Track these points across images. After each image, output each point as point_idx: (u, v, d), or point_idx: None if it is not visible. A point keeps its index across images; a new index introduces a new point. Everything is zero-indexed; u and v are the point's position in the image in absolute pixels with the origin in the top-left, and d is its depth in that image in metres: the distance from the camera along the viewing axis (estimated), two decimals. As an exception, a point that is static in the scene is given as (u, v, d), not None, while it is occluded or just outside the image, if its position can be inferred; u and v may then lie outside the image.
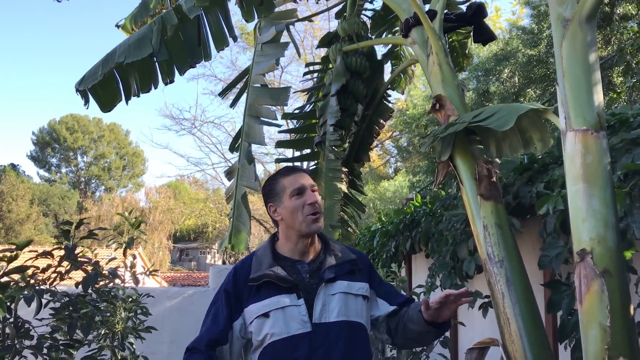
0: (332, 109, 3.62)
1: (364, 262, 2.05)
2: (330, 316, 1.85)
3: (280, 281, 1.86)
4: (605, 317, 1.64)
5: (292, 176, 1.96)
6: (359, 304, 1.92)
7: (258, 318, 1.85)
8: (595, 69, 1.83)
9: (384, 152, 26.04)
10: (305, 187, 1.92)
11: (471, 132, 2.43)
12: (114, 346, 3.87)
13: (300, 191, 1.92)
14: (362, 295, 1.94)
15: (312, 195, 1.92)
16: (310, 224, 1.90)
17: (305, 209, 1.90)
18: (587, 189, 1.73)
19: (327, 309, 1.86)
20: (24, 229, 34.68)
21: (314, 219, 1.90)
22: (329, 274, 1.89)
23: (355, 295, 1.92)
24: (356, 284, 1.94)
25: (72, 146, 46.43)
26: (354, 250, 2.08)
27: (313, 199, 1.91)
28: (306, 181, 1.95)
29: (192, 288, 8.24)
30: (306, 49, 21.28)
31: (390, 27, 4.34)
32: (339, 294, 1.89)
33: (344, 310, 1.87)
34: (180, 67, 3.69)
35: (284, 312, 1.83)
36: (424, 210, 4.78)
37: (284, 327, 1.82)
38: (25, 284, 2.97)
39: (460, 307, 4.65)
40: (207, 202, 29.33)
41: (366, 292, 1.96)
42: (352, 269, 1.96)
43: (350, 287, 1.92)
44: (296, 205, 1.90)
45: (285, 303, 1.84)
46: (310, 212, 1.90)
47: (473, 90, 13.43)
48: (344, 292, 1.90)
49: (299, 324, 1.83)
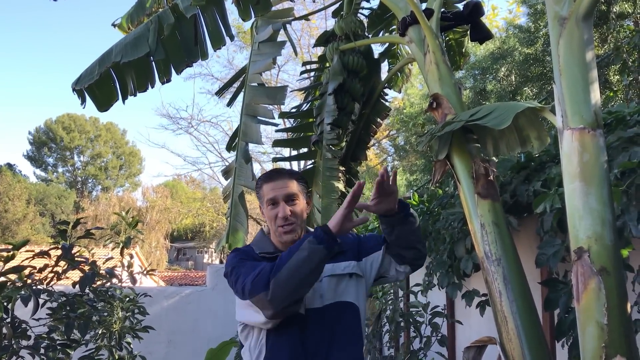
0: (329, 107, 3.62)
1: (349, 242, 2.08)
2: (321, 301, 1.91)
3: None
4: (602, 315, 1.65)
5: (270, 184, 1.98)
6: (347, 283, 1.98)
7: None
8: (592, 67, 1.83)
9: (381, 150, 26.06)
10: (277, 200, 1.95)
11: (468, 131, 2.43)
12: (111, 346, 3.86)
13: (273, 202, 1.95)
14: (349, 274, 1.99)
15: (283, 209, 1.93)
16: (281, 235, 1.96)
17: (277, 220, 1.94)
18: (584, 187, 1.73)
19: (318, 294, 1.91)
20: (21, 229, 34.57)
21: (284, 232, 1.94)
22: None
23: (341, 276, 1.97)
24: (340, 264, 1.99)
25: (68, 145, 46.33)
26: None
27: (283, 212, 1.93)
28: (280, 192, 1.96)
29: (189, 287, 8.23)
30: (303, 48, 21.28)
31: (387, 25, 4.34)
32: (325, 277, 1.93)
33: (332, 293, 1.93)
34: (176, 66, 3.69)
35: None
36: (421, 208, 4.79)
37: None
38: (22, 284, 2.97)
39: (458, 305, 4.67)
40: (204, 201, 29.31)
41: (353, 269, 2.00)
42: (336, 253, 1.98)
43: (335, 268, 1.97)
44: (270, 215, 1.96)
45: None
46: (281, 224, 1.94)
47: (470, 88, 13.46)
48: (330, 274, 1.95)
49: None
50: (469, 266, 3.27)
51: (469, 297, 3.34)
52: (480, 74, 13.42)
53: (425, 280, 4.12)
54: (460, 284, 3.55)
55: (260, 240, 2.04)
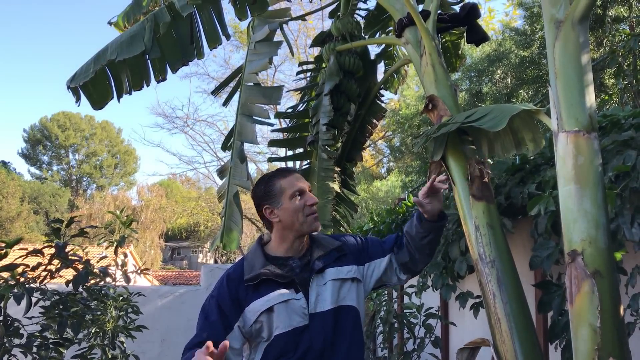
0: (325, 108, 3.61)
1: (349, 245, 2.10)
2: (325, 305, 1.90)
3: (277, 277, 1.90)
4: (595, 318, 1.65)
5: (289, 178, 2.00)
6: (349, 287, 1.98)
7: (263, 314, 1.86)
8: (588, 71, 1.84)
9: (376, 151, 26.09)
10: (305, 189, 1.99)
11: (463, 133, 2.44)
12: (104, 345, 3.84)
13: (301, 192, 1.98)
14: (351, 278, 2.00)
15: (312, 197, 2.00)
16: (311, 224, 1.98)
17: (306, 209, 1.96)
18: (579, 190, 1.74)
19: (321, 298, 1.91)
20: (15, 227, 34.46)
21: (315, 217, 1.99)
22: (318, 264, 1.95)
23: (344, 280, 1.98)
24: (344, 268, 2.00)
25: (63, 144, 46.17)
26: (337, 237, 2.16)
27: (313, 200, 1.99)
28: (304, 183, 2.02)
29: (183, 287, 8.21)
30: (300, 48, 21.31)
31: (384, 27, 4.34)
32: (330, 281, 1.94)
33: (336, 297, 1.93)
34: (172, 65, 3.68)
35: (287, 306, 1.87)
36: (416, 210, 4.78)
37: (287, 320, 1.86)
38: (14, 282, 2.95)
39: (452, 307, 4.67)
40: (199, 200, 29.28)
41: (355, 274, 2.01)
42: (339, 255, 2.02)
43: (339, 272, 1.98)
44: (298, 206, 1.96)
45: (287, 296, 1.88)
46: (311, 211, 1.98)
47: (466, 90, 13.49)
48: (334, 278, 1.95)
49: (300, 316, 1.87)
50: (463, 268, 3.28)
51: (462, 299, 3.34)
52: (476, 76, 13.45)
53: (419, 281, 4.13)
54: (455, 286, 3.55)
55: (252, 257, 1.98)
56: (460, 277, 3.48)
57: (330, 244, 2.03)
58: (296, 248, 1.99)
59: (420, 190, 2.10)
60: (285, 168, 2.18)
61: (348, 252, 2.05)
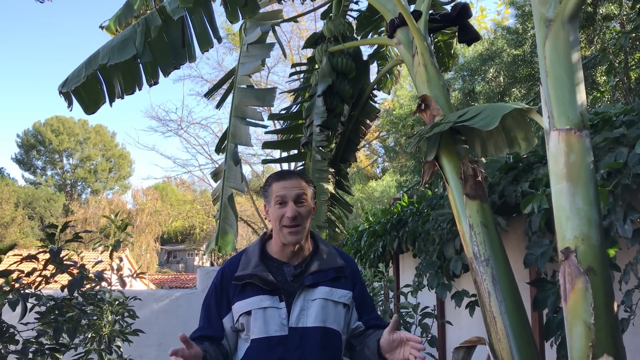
0: (318, 109, 3.62)
1: (352, 269, 2.03)
2: (307, 321, 1.85)
3: (263, 283, 1.86)
4: (589, 315, 1.66)
5: (280, 183, 1.94)
6: (338, 311, 1.91)
7: (242, 315, 1.87)
8: (578, 69, 1.85)
9: (371, 152, 26.10)
10: (286, 198, 1.90)
11: (456, 132, 2.45)
12: (100, 349, 3.83)
13: (282, 201, 1.90)
14: (343, 304, 1.93)
15: (291, 209, 1.88)
16: (285, 236, 1.90)
17: (284, 220, 1.89)
18: (571, 188, 1.75)
19: (306, 314, 1.86)
20: (9, 233, 34.32)
21: (289, 232, 1.89)
22: (310, 279, 1.89)
23: (335, 302, 1.91)
24: (338, 291, 1.93)
25: (57, 148, 46.01)
26: (344, 255, 2.06)
27: (292, 212, 1.88)
28: (290, 192, 1.91)
29: (179, 290, 8.19)
30: (292, 50, 21.30)
31: (376, 27, 4.36)
32: (319, 299, 1.88)
33: (321, 316, 1.86)
34: (164, 68, 3.68)
35: (265, 313, 1.84)
36: (410, 210, 4.80)
37: (262, 327, 1.83)
38: (9, 288, 2.94)
39: (448, 306, 4.68)
40: (194, 203, 29.23)
41: (348, 300, 1.94)
42: (338, 276, 1.95)
43: (332, 293, 1.91)
44: (276, 215, 1.90)
45: (266, 304, 1.85)
46: (287, 224, 1.88)
47: (459, 90, 13.51)
48: (325, 298, 1.89)
49: (277, 326, 1.84)
50: (458, 267, 3.29)
51: (458, 298, 3.35)
52: (468, 75, 13.47)
53: (415, 281, 4.13)
54: (450, 285, 3.56)
55: (251, 253, 1.98)
56: (455, 276, 3.49)
57: (331, 262, 1.97)
58: (288, 254, 1.94)
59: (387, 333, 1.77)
60: (287, 171, 2.10)
61: (349, 275, 1.98)
